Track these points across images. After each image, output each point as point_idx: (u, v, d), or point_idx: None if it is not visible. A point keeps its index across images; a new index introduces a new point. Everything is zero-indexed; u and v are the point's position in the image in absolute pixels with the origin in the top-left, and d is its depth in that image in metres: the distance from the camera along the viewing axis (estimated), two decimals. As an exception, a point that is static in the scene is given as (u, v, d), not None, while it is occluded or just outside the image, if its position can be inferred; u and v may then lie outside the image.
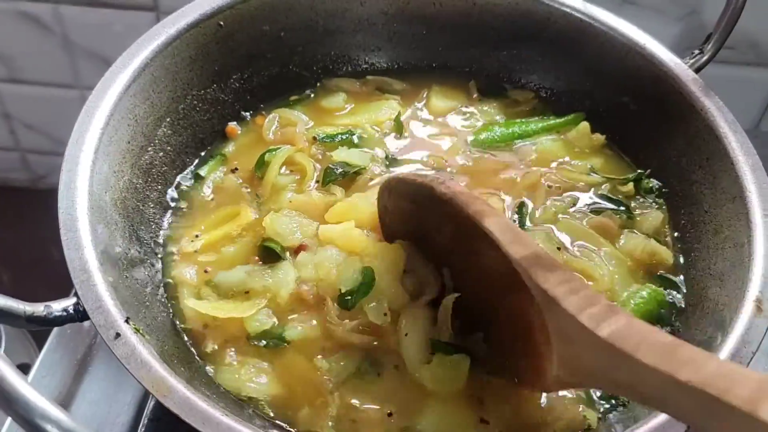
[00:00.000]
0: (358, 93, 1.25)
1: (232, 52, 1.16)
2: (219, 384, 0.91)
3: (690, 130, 1.08)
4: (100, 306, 0.80)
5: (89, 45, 1.82)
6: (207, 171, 1.13)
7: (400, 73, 1.29)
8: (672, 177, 1.12)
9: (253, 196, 1.09)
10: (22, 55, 1.87)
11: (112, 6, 1.72)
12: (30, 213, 1.97)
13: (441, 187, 0.86)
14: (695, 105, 1.07)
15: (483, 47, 1.26)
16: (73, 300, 0.80)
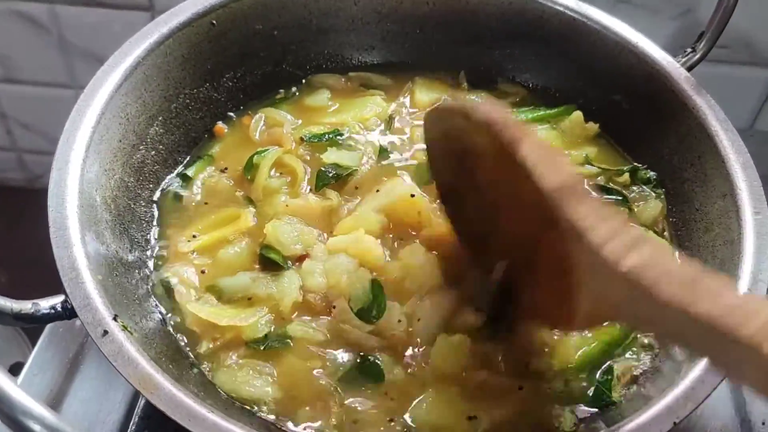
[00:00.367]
0: (342, 89, 1.25)
1: (224, 50, 1.16)
2: (216, 385, 0.91)
3: (682, 128, 1.08)
4: (88, 303, 0.80)
5: (85, 45, 1.81)
6: (194, 172, 1.12)
7: (384, 68, 1.28)
8: (664, 175, 1.12)
9: (246, 198, 1.08)
10: (17, 55, 1.87)
11: (108, 6, 1.72)
12: (26, 213, 1.97)
13: (476, 113, 0.79)
14: (687, 103, 1.07)
15: (476, 46, 1.26)
16: (61, 297, 0.81)
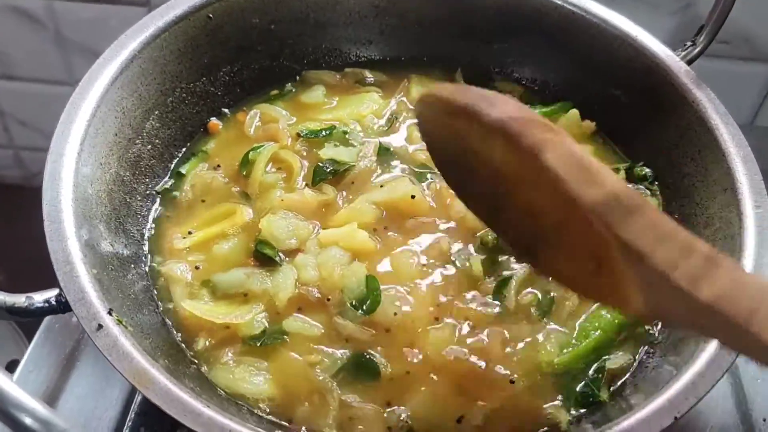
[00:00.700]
0: (338, 86, 1.24)
1: (221, 44, 1.15)
2: (213, 382, 0.90)
3: (682, 122, 1.07)
4: (82, 297, 0.79)
5: (82, 40, 1.81)
6: (188, 168, 1.11)
7: (380, 65, 1.27)
8: (664, 169, 1.11)
9: (242, 194, 1.07)
10: (14, 51, 1.86)
11: (105, 1, 1.71)
12: (24, 210, 1.95)
13: (491, 113, 0.69)
14: (687, 97, 1.06)
15: (474, 40, 1.25)
16: (56, 291, 0.80)
